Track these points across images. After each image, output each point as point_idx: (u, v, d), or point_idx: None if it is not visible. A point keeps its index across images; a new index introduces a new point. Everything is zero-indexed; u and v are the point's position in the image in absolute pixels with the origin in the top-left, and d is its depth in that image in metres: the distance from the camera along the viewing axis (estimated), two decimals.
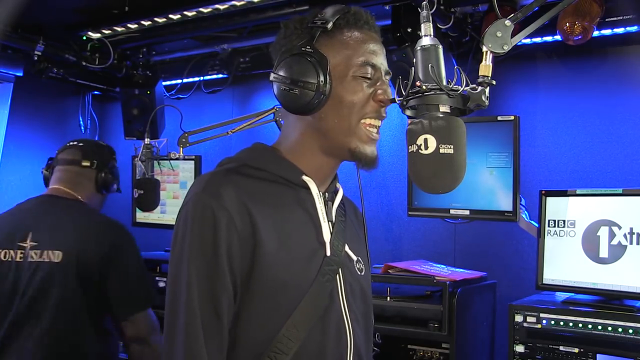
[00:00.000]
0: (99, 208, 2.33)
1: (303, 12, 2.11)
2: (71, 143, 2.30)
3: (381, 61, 1.23)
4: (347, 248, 1.28)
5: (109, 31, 2.92)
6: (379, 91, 1.21)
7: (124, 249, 2.13)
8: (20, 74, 3.24)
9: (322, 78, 1.17)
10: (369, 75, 1.21)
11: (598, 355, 1.91)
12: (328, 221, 1.25)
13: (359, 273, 1.30)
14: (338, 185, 1.34)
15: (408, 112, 1.20)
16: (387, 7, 2.41)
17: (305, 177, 1.24)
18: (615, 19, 2.30)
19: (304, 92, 1.17)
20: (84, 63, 3.16)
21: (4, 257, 2.05)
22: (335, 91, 1.19)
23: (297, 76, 1.18)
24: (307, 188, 1.24)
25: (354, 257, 1.30)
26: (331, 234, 1.24)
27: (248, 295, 1.14)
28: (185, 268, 1.13)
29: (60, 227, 2.08)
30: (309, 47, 1.19)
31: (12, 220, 2.15)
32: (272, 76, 1.22)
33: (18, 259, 2.03)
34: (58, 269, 2.01)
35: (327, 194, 1.28)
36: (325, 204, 1.26)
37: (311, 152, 1.24)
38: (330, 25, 1.20)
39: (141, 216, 3.30)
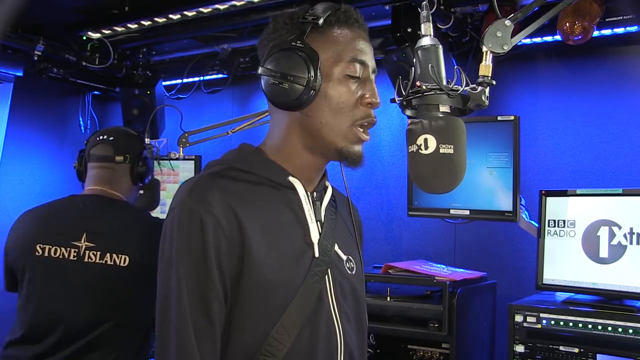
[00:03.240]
0: (134, 199, 2.24)
1: None
2: (101, 137, 2.17)
3: (370, 59, 1.23)
4: (336, 247, 1.27)
5: (109, 31, 2.92)
6: (367, 94, 1.20)
7: None
8: (20, 74, 3.24)
9: (312, 73, 1.16)
10: (357, 74, 1.20)
11: (598, 355, 1.91)
12: (317, 221, 1.24)
13: (350, 272, 1.28)
14: (327, 183, 1.33)
15: (408, 112, 1.20)
16: (387, 7, 2.41)
17: (291, 178, 1.23)
18: (615, 19, 2.30)
19: (294, 87, 1.16)
20: (84, 63, 3.16)
21: (54, 253, 1.95)
22: (324, 88, 1.18)
23: (287, 70, 1.17)
24: (294, 189, 1.23)
25: (344, 257, 1.28)
26: (320, 234, 1.23)
27: (237, 298, 1.13)
28: (174, 274, 1.12)
29: (121, 230, 1.99)
30: (299, 42, 1.18)
31: (60, 218, 2.04)
32: (260, 69, 1.21)
33: (72, 258, 1.94)
34: (126, 272, 1.92)
35: (315, 193, 1.27)
36: (314, 204, 1.25)
37: (296, 151, 1.23)
38: (321, 21, 1.19)
39: None
